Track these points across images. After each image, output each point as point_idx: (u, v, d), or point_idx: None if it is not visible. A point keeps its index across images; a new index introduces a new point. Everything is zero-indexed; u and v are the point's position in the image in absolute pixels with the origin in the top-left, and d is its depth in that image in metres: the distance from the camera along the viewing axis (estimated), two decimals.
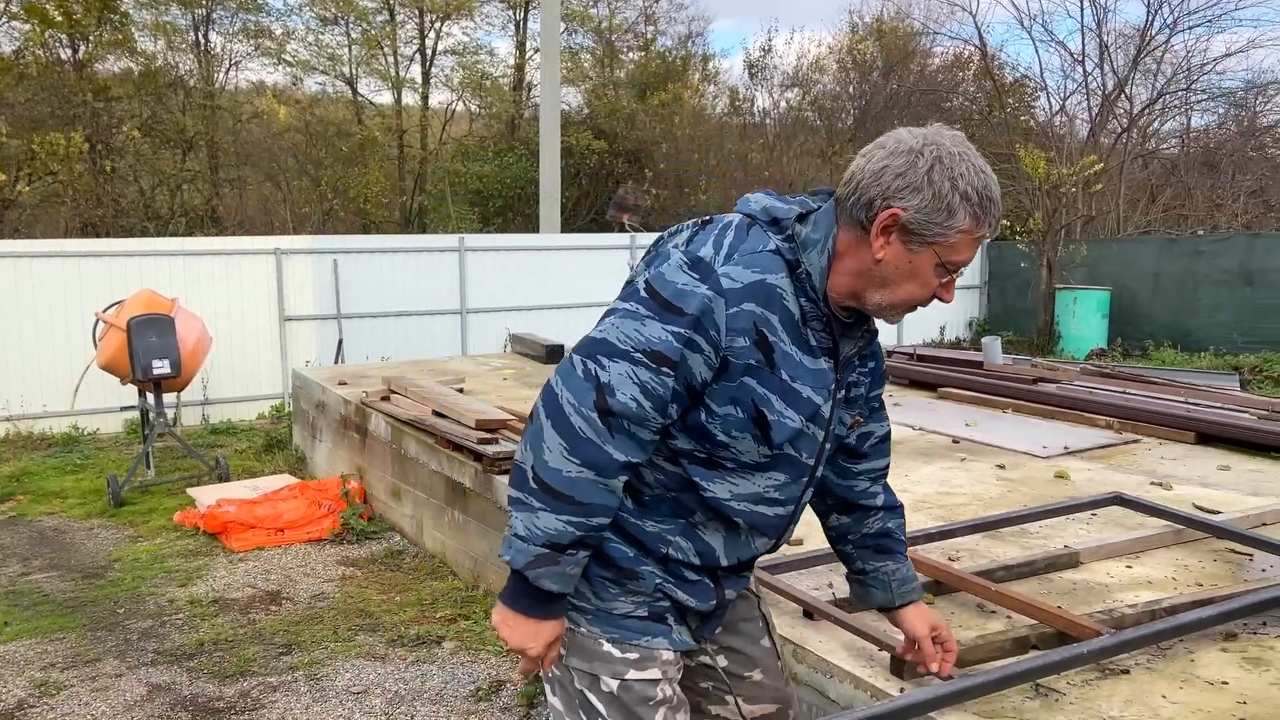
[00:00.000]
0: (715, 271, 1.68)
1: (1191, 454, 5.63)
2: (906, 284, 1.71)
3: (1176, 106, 20.43)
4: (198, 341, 8.30)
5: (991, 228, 1.67)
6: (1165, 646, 3.05)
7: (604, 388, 1.67)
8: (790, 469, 1.82)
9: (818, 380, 1.77)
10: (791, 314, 1.72)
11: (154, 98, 17.15)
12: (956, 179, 1.63)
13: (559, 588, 1.74)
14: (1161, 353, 14.26)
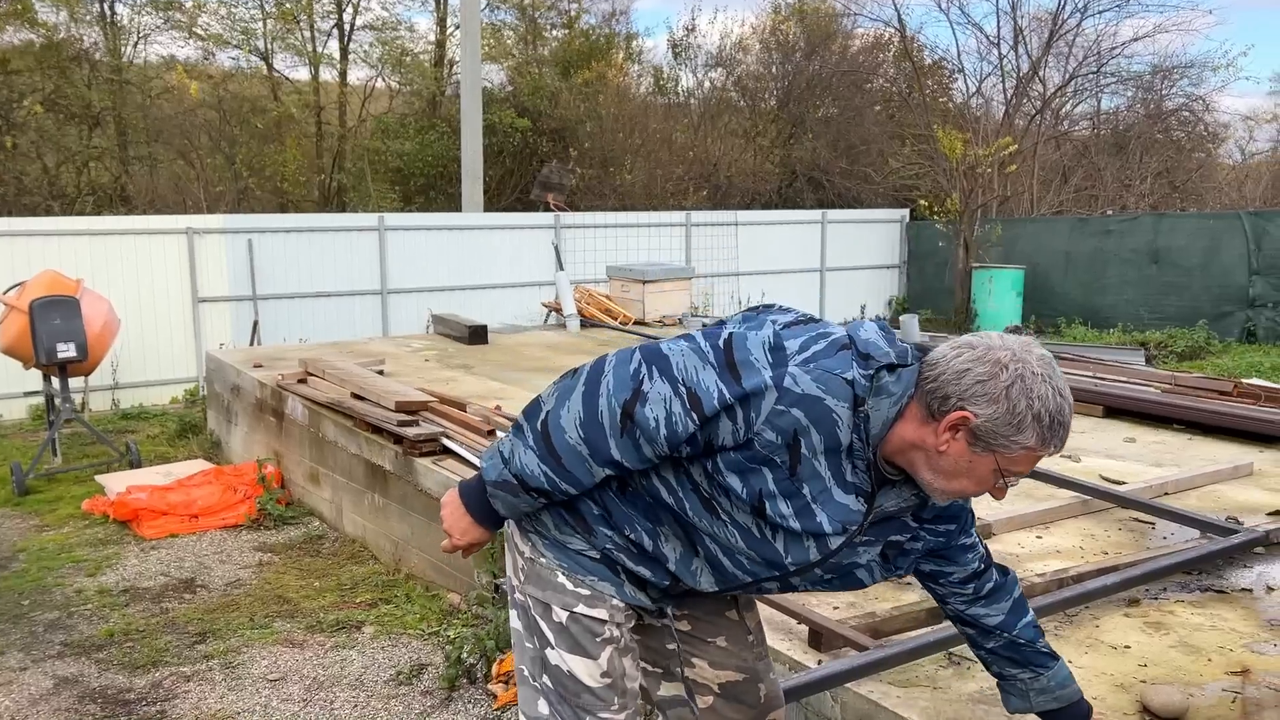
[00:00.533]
0: (787, 368, 1.73)
1: (1099, 427, 5.81)
2: (962, 479, 1.75)
3: (1087, 89, 20.96)
4: (105, 324, 8.03)
5: (1055, 448, 1.72)
6: (1072, 613, 3.15)
7: (640, 394, 1.75)
8: (771, 556, 1.84)
9: (838, 513, 1.79)
10: (838, 442, 1.74)
11: (57, 71, 16.44)
12: (1033, 400, 1.67)
13: (505, 512, 1.93)
14: (1073, 329, 14.67)
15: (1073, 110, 21.78)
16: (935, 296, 16.99)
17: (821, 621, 2.94)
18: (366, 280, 12.20)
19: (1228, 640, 2.96)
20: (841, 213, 17.38)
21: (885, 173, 19.88)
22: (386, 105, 21.73)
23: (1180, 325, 13.87)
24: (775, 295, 15.39)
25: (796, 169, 20.78)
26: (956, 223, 16.22)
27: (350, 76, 20.65)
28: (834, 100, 21.64)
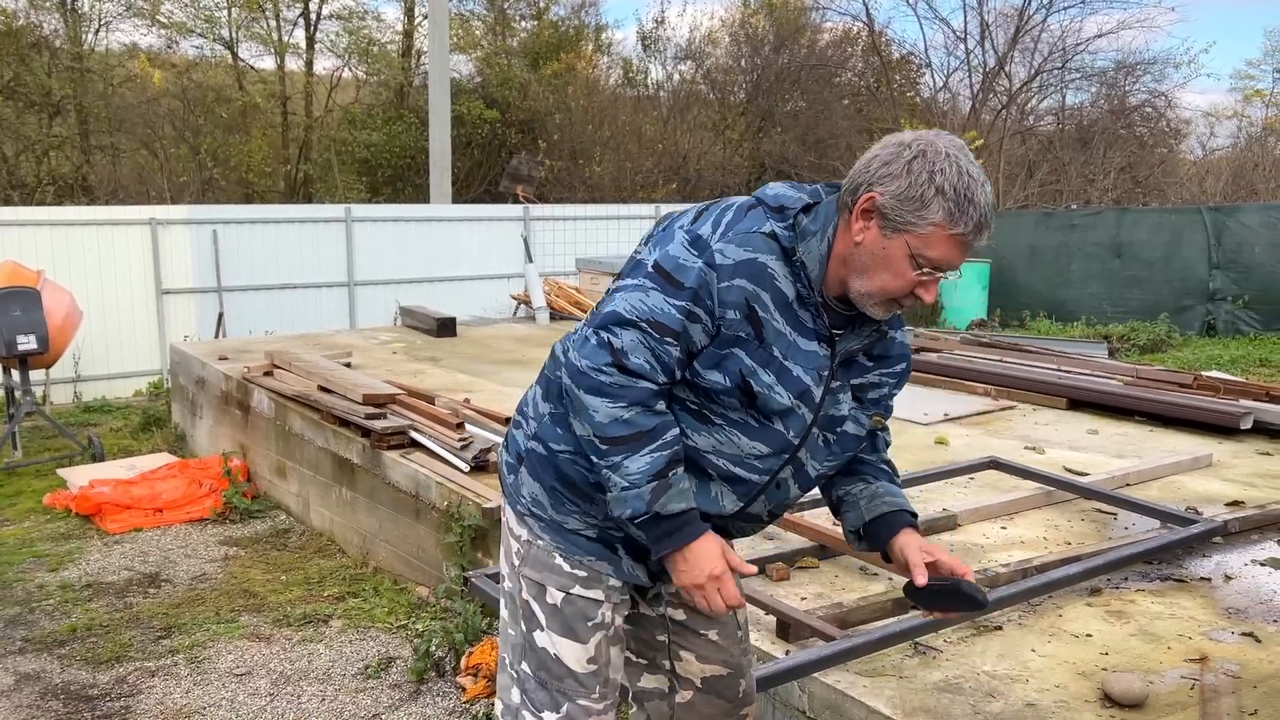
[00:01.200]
0: (711, 247, 1.77)
1: (1063, 419, 5.88)
2: (881, 273, 1.76)
3: (1052, 85, 21.21)
4: (67, 316, 7.92)
5: (971, 229, 1.71)
6: (1035, 603, 3.19)
7: (619, 351, 1.76)
8: (774, 441, 1.86)
9: (809, 361, 1.83)
10: (784, 295, 1.79)
11: (16, 59, 16.16)
12: (935, 173, 1.69)
13: (685, 504, 1.80)
14: (1037, 323, 14.83)
15: (1038, 105, 22.04)
16: None
17: (789, 612, 2.96)
18: (333, 272, 12.11)
19: (1187, 628, 3.02)
20: None
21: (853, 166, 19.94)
22: (353, 95, 21.56)
23: (1142, 319, 14.06)
24: None
25: (765, 162, 20.85)
26: None
27: (317, 66, 20.51)
28: (802, 94, 21.73)
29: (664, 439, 1.78)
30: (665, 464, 1.77)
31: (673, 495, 1.78)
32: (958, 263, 1.76)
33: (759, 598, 3.06)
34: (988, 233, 1.75)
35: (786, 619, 2.94)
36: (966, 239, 1.73)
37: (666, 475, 1.77)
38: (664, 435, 1.78)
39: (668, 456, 1.77)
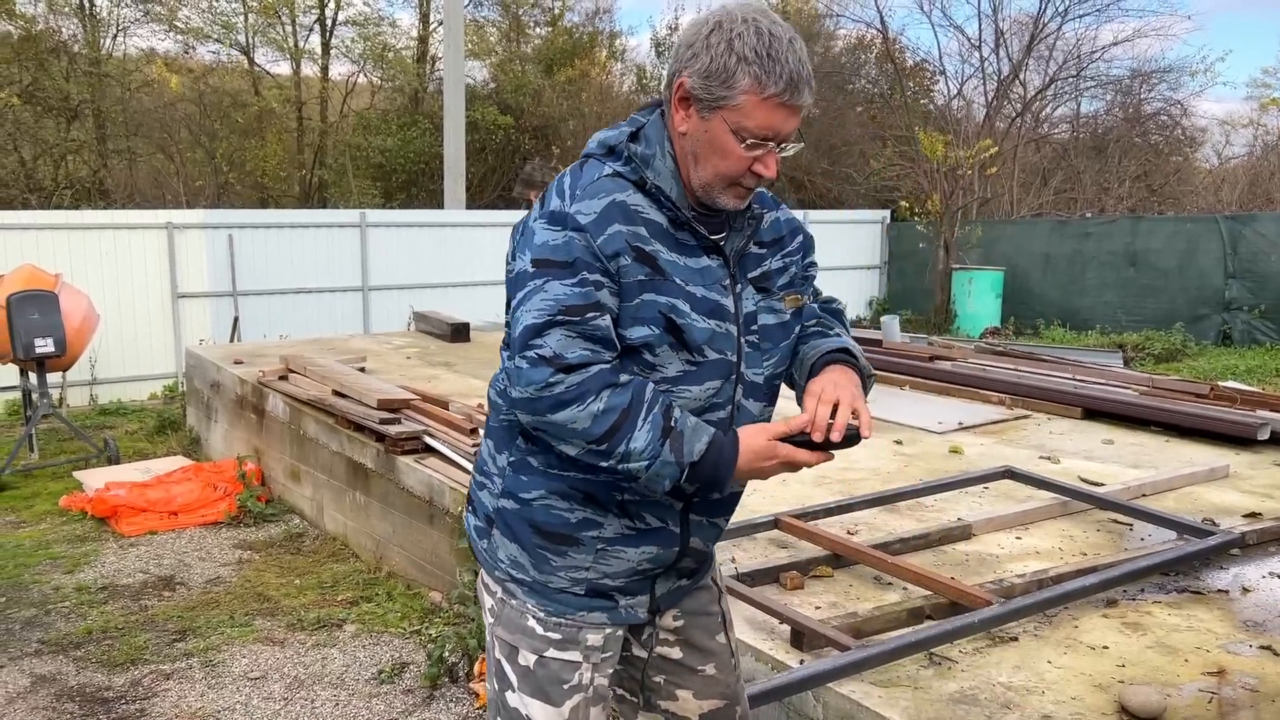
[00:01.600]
0: (569, 214, 1.72)
1: (1078, 428, 5.86)
2: (711, 157, 1.72)
3: (1067, 93, 21.13)
4: (84, 319, 7.97)
5: (782, 87, 1.65)
6: (1051, 614, 3.18)
7: (554, 357, 1.67)
8: (718, 371, 1.81)
9: (708, 277, 1.79)
10: (658, 223, 1.75)
11: (35, 63, 16.29)
12: (733, 40, 1.65)
13: (705, 436, 1.71)
14: (1052, 331, 14.78)
15: (1052, 113, 21.97)
16: (916, 297, 17.09)
17: (803, 621, 2.95)
18: (348, 277, 12.16)
19: (1204, 641, 3.00)
20: (823, 213, 17.45)
21: (866, 174, 19.96)
22: (368, 101, 21.65)
23: (1157, 328, 14.00)
24: None
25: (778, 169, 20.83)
26: (937, 224, 16.31)
27: (332, 71, 20.60)
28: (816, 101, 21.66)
29: (646, 400, 1.69)
30: (664, 418, 1.69)
31: (689, 439, 1.70)
32: (786, 129, 1.70)
33: (773, 606, 3.06)
34: (808, 90, 1.69)
35: (801, 628, 2.94)
36: (783, 100, 1.67)
37: (672, 426, 1.69)
38: (645, 397, 1.70)
39: (661, 410, 1.70)
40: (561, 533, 1.83)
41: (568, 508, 1.82)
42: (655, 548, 1.87)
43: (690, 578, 2.01)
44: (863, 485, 4.61)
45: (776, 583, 3.40)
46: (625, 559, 1.86)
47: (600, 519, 1.83)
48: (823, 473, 4.83)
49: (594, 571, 1.86)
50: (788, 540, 3.81)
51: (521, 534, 1.86)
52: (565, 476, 1.82)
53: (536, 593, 1.87)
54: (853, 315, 17.21)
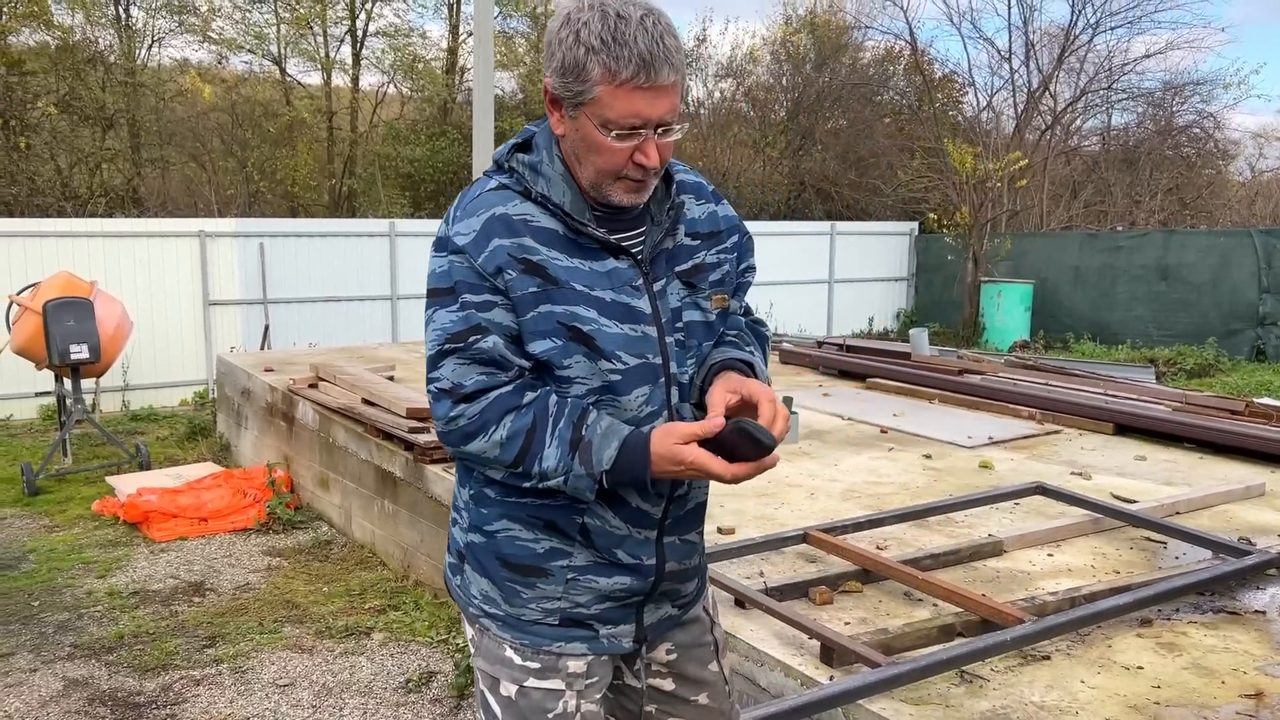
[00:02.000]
0: (449, 237, 1.70)
1: (1110, 444, 5.80)
2: (589, 155, 1.67)
3: (1098, 105, 20.97)
4: (118, 326, 8.07)
5: (636, 71, 1.56)
6: (1084, 633, 3.14)
7: (452, 388, 1.68)
8: (646, 376, 1.73)
9: (615, 279, 1.71)
10: (551, 230, 1.69)
11: (72, 73, 16.52)
12: (579, 31, 1.57)
13: (614, 442, 1.65)
14: (1081, 345, 14.65)
15: (1083, 126, 21.81)
16: (944, 310, 17.00)
17: (833, 637, 2.94)
18: (377, 286, 12.24)
19: (1241, 662, 2.96)
20: (850, 225, 17.41)
21: (894, 185, 19.90)
22: (398, 111, 21.80)
23: (1189, 342, 13.85)
24: (783, 306, 15.41)
25: (805, 180, 20.81)
26: (966, 236, 16.23)
27: (362, 82, 20.73)
28: (844, 112, 21.67)
29: (551, 415, 1.66)
30: (572, 430, 1.65)
31: (598, 448, 1.64)
32: (653, 112, 1.61)
33: (803, 622, 3.05)
34: (668, 68, 1.59)
35: (831, 644, 2.92)
36: (638, 84, 1.57)
37: (581, 437, 1.65)
38: (548, 412, 1.66)
39: (569, 423, 1.65)
40: (529, 564, 1.79)
41: (532, 538, 1.79)
42: (629, 578, 1.81)
43: (682, 607, 1.95)
44: (892, 500, 4.58)
45: (805, 597, 3.39)
46: (597, 589, 1.80)
47: (568, 548, 1.78)
48: (851, 487, 4.81)
49: (566, 601, 1.81)
50: (817, 555, 3.79)
51: (490, 568, 1.83)
52: (523, 504, 1.78)
53: (511, 627, 1.83)
54: (880, 327, 17.15)
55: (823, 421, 6.38)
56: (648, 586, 1.84)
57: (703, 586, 2.03)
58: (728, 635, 3.07)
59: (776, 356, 9.08)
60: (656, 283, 1.77)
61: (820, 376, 8.27)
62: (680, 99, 1.66)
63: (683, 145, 20.88)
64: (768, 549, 3.79)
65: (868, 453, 5.57)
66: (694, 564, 1.94)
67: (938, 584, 3.31)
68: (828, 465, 5.29)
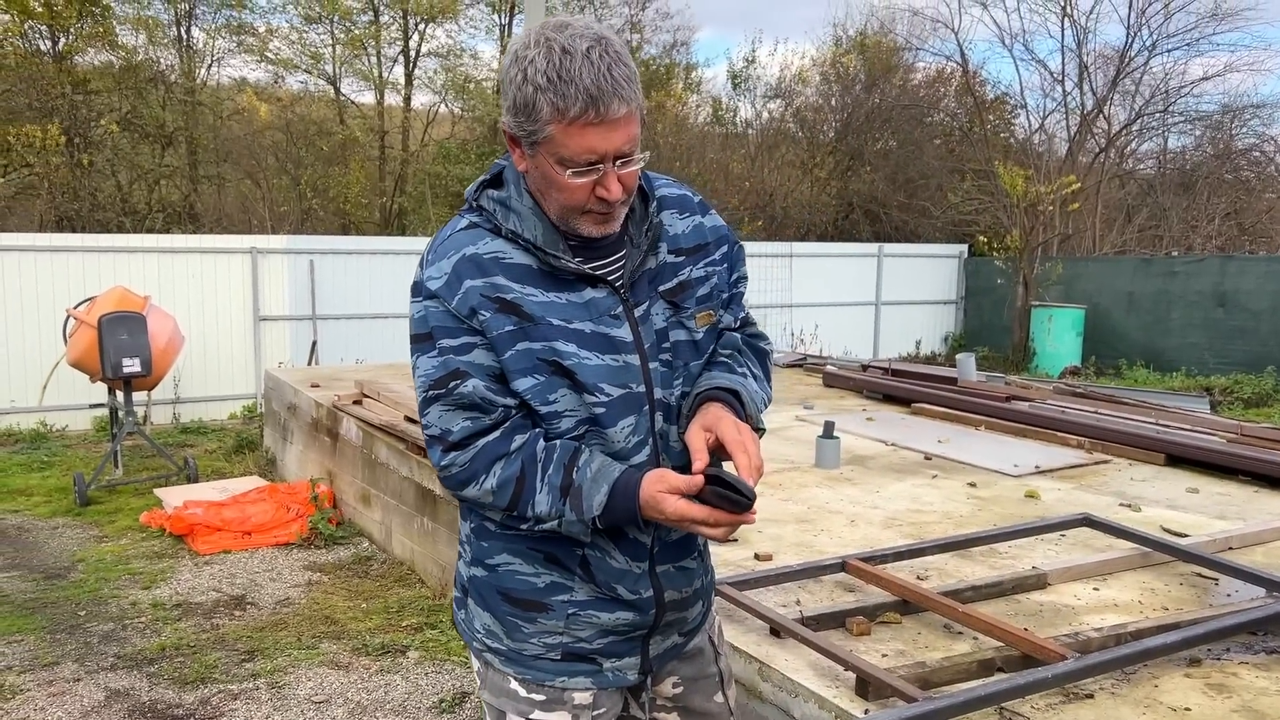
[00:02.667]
0: (423, 283, 1.69)
1: (1161, 476, 5.66)
2: (551, 192, 1.65)
3: (1154, 128, 20.66)
4: (170, 340, 8.22)
5: (583, 108, 1.52)
6: (1130, 671, 3.05)
7: (441, 435, 1.70)
8: (629, 406, 1.70)
9: (594, 310, 1.69)
10: (524, 266, 1.67)
11: (134, 92, 16.96)
12: (526, 70, 1.54)
13: (603, 486, 1.64)
14: (1134, 372, 14.38)
15: (1138, 149, 21.49)
16: (993, 334, 16.78)
17: (869, 670, 2.88)
18: None
19: None
20: (899, 246, 17.27)
21: (944, 207, 19.73)
22: (448, 130, 22.07)
23: (1247, 371, 13.53)
24: (829, 328, 15.31)
25: (853, 201, 20.71)
26: (1016, 260, 16.03)
27: (414, 102, 21.03)
28: (893, 133, 21.56)
29: (539, 462, 1.65)
30: (563, 475, 1.64)
31: (588, 493, 1.63)
32: (608, 146, 1.56)
33: (838, 653, 3.00)
34: (617, 100, 1.53)
35: (866, 677, 2.87)
36: (588, 120, 1.53)
37: (572, 482, 1.64)
38: (536, 459, 1.65)
39: (559, 468, 1.65)
40: (530, 598, 1.78)
41: (533, 572, 1.78)
42: (630, 613, 1.80)
43: (688, 634, 1.93)
44: (934, 529, 4.51)
45: (842, 628, 3.33)
46: (599, 624, 1.79)
47: (569, 582, 1.77)
48: (893, 514, 4.74)
49: (568, 635, 1.79)
50: (855, 584, 3.74)
51: (492, 602, 1.82)
52: (522, 537, 1.77)
53: (513, 661, 1.82)
54: (927, 350, 16.97)
55: (865, 447, 6.31)
56: (650, 620, 1.82)
57: (708, 610, 2.00)
58: (762, 665, 3.04)
59: (820, 379, 9.01)
60: (638, 307, 1.74)
61: (864, 400, 8.18)
62: (639, 127, 1.62)
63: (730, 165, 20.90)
64: (805, 577, 3.74)
65: (911, 480, 5.49)
66: (696, 588, 1.90)
67: (978, 617, 3.24)
68: (869, 492, 5.22)
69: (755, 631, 3.25)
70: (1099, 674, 2.97)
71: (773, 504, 4.86)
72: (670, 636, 1.89)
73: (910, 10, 24.46)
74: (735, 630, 3.21)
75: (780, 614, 3.30)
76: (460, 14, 20.68)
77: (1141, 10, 18.82)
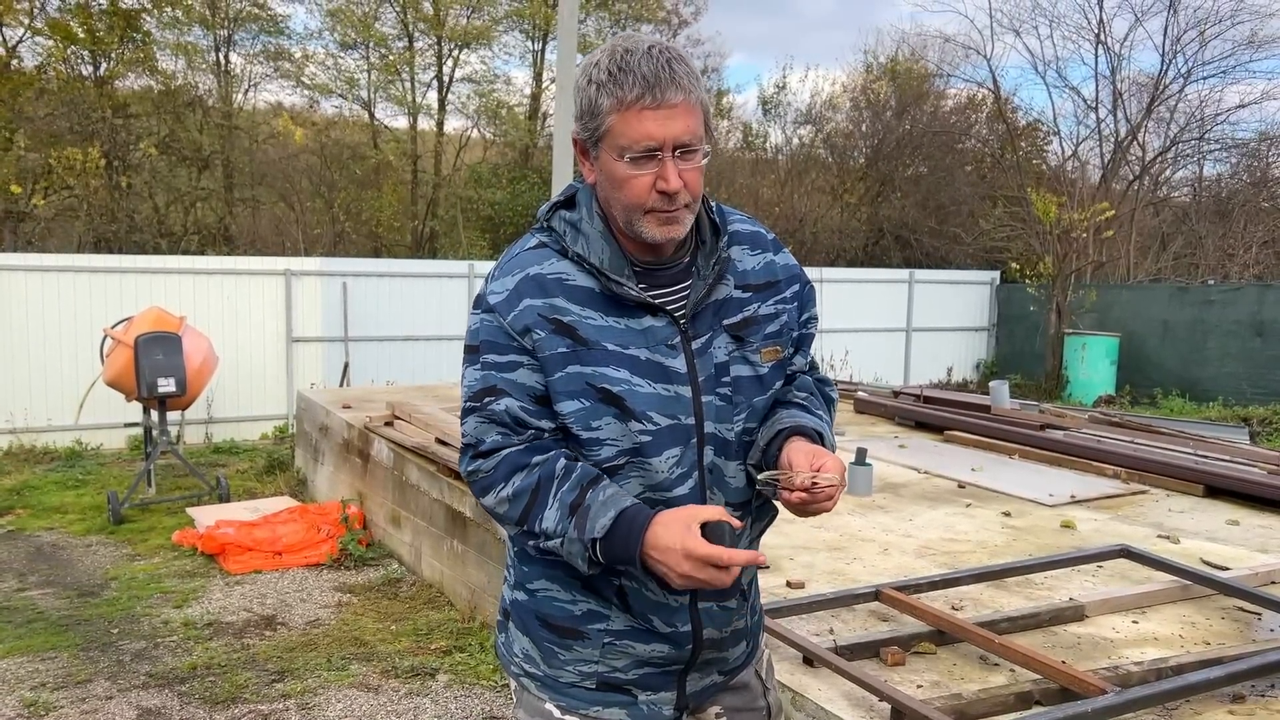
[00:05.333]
0: (486, 297, 1.73)
1: (1200, 507, 5.57)
2: (615, 193, 1.67)
3: (1189, 155, 20.47)
4: (204, 360, 8.30)
5: (640, 91, 1.57)
6: (1171, 707, 3.00)
7: (474, 443, 1.73)
8: (675, 438, 1.69)
9: (651, 339, 1.69)
10: (586, 289, 1.69)
11: (172, 116, 17.23)
12: (591, 72, 1.62)
13: (611, 511, 1.61)
14: (1170, 401, 14.18)
15: (1173, 176, 21.29)
16: (1026, 361, 16.63)
17: (904, 701, 2.84)
18: (455, 325, 12.41)
19: None
20: (930, 273, 17.19)
21: (975, 233, 19.62)
22: (480, 155, 22.24)
23: None
24: (859, 354, 15.24)
25: (884, 227, 20.65)
26: (1049, 287, 15.90)
27: (447, 126, 21.22)
28: (924, 159, 21.50)
29: (556, 478, 1.65)
30: (574, 494, 1.63)
31: (594, 514, 1.61)
32: (667, 134, 1.59)
33: (872, 683, 2.96)
34: (675, 88, 1.58)
35: (902, 707, 2.83)
36: (645, 104, 1.58)
37: (581, 502, 1.62)
38: (554, 475, 1.66)
39: (574, 488, 1.64)
40: (567, 625, 1.78)
41: (570, 599, 1.77)
42: (666, 645, 1.78)
43: (729, 674, 1.90)
44: (969, 558, 4.45)
45: (876, 657, 3.29)
46: (634, 654, 1.78)
47: (605, 610, 1.76)
48: (926, 543, 4.69)
49: (603, 665, 1.79)
50: (889, 613, 3.70)
51: (531, 627, 1.83)
52: (560, 563, 1.75)
53: (549, 687, 1.82)
54: (959, 377, 16.84)
55: (897, 474, 6.25)
56: (687, 655, 1.80)
57: (754, 650, 1.97)
58: (795, 694, 3.00)
59: (851, 406, 8.96)
60: (697, 339, 1.74)
61: (896, 427, 8.12)
62: (700, 123, 1.64)
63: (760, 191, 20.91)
64: (839, 605, 3.70)
65: (944, 508, 5.43)
66: (739, 628, 1.88)
67: (1015, 648, 3.19)
68: (902, 520, 5.17)
69: (788, 660, 3.22)
70: (1140, 709, 2.91)
71: (804, 531, 4.82)
72: (709, 675, 1.86)
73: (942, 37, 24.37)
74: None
75: (814, 643, 3.26)
76: (494, 40, 20.88)
77: (1176, 38, 18.72)
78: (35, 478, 8.93)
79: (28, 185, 14.82)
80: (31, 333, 10.12)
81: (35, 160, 14.82)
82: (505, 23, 20.89)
